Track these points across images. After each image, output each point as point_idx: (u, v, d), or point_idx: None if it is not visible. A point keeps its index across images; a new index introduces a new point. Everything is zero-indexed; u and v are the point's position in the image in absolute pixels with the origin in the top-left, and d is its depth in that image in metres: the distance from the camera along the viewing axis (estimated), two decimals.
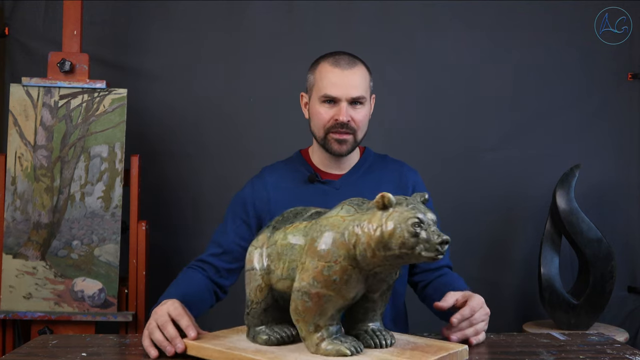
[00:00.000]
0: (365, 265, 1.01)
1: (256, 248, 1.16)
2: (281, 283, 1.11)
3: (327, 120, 1.51)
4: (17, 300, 2.14)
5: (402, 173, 1.62)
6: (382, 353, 1.07)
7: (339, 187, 1.56)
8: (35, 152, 2.19)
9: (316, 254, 1.03)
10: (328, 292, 1.02)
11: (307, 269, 1.03)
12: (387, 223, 0.98)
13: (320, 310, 1.04)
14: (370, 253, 0.99)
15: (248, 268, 1.17)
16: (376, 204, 1.00)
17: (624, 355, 1.18)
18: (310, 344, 1.07)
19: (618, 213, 2.65)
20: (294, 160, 1.65)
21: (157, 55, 2.56)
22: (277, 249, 1.12)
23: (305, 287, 1.03)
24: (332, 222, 1.05)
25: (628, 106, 2.67)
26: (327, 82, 1.50)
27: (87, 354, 1.20)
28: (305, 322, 1.06)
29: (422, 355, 1.06)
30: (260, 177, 1.63)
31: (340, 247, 1.01)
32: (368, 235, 0.99)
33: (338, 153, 1.54)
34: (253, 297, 1.15)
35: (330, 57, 1.53)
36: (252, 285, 1.15)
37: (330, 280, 1.01)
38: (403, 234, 0.96)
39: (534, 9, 2.64)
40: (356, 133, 1.53)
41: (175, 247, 2.52)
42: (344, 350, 1.04)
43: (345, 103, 1.49)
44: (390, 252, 0.98)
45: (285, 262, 1.10)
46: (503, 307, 2.63)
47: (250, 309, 1.16)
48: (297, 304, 1.05)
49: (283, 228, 1.14)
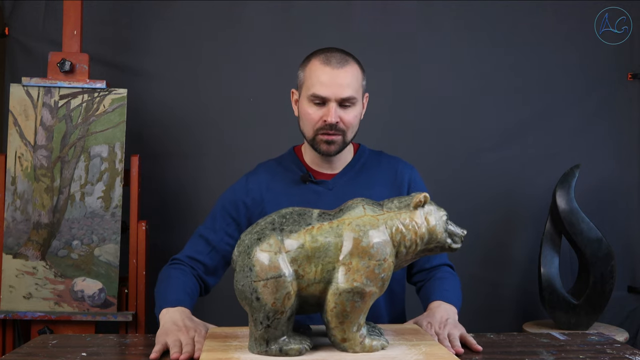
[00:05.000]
0: (400, 261, 1.10)
1: (275, 253, 1.06)
2: (313, 287, 1.07)
3: (315, 120, 1.47)
4: (17, 300, 2.14)
5: (398, 170, 1.59)
6: (397, 341, 1.17)
7: (332, 188, 1.54)
8: (35, 152, 2.19)
9: (366, 254, 1.06)
10: (376, 290, 1.07)
11: (358, 269, 1.05)
12: (428, 220, 1.09)
13: (366, 309, 1.09)
14: (413, 248, 1.09)
15: (272, 276, 1.05)
16: (418, 203, 1.09)
17: (624, 355, 1.18)
18: (353, 343, 1.09)
19: (618, 213, 2.66)
20: (287, 158, 1.62)
21: (157, 55, 2.56)
22: (306, 252, 1.07)
23: (358, 287, 1.05)
24: (367, 221, 1.08)
25: (628, 106, 2.67)
26: (316, 81, 1.45)
27: (87, 354, 1.20)
28: (351, 323, 1.08)
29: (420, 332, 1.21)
30: (255, 174, 1.60)
31: (387, 244, 1.07)
32: (414, 231, 1.08)
33: (326, 154, 1.51)
34: (279, 306, 1.05)
35: (321, 54, 1.49)
36: (279, 294, 1.05)
37: (379, 278, 1.07)
38: (440, 229, 1.09)
39: (534, 9, 2.64)
40: (345, 134, 1.49)
41: (175, 247, 2.51)
42: (385, 344, 1.12)
43: (335, 103, 1.45)
44: (427, 246, 1.10)
45: (318, 265, 1.07)
46: (503, 307, 2.63)
47: (272, 321, 1.06)
48: (345, 305, 1.06)
49: (303, 230, 1.08)
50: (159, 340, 1.22)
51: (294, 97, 1.58)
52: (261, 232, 1.10)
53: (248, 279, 1.06)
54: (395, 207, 1.10)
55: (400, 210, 1.09)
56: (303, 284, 1.07)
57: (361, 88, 1.51)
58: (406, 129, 2.60)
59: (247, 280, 1.06)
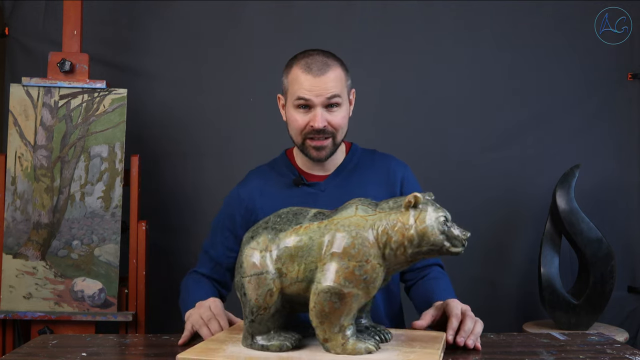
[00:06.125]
0: (390, 263, 1.06)
1: (260, 251, 1.10)
2: (296, 286, 1.08)
3: (302, 126, 1.46)
4: (17, 300, 2.14)
5: (390, 168, 1.58)
6: (397, 346, 1.13)
7: (325, 189, 1.53)
8: (35, 152, 2.19)
9: (346, 254, 1.04)
10: (358, 292, 1.04)
11: (337, 270, 1.04)
12: (419, 222, 1.03)
13: (347, 310, 1.06)
14: (402, 251, 1.04)
15: (254, 272, 1.09)
16: (407, 204, 1.05)
17: (624, 355, 1.18)
18: (335, 344, 1.07)
19: (618, 213, 2.65)
20: (279, 162, 1.62)
21: (157, 55, 2.56)
22: (290, 250, 1.08)
23: (336, 288, 1.04)
24: (354, 222, 1.06)
25: (628, 106, 2.67)
26: (299, 87, 1.44)
27: (87, 354, 1.20)
28: (331, 324, 1.06)
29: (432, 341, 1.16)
30: (245, 185, 1.59)
31: (370, 246, 1.04)
32: (401, 233, 1.04)
33: (317, 159, 1.50)
34: (262, 302, 1.09)
35: (301, 59, 1.47)
36: (261, 291, 1.08)
37: (360, 280, 1.04)
38: (435, 231, 1.03)
39: (534, 9, 2.64)
40: (335, 136, 1.48)
41: (175, 247, 2.52)
42: (371, 347, 1.08)
43: (320, 108, 1.44)
44: (419, 249, 1.04)
45: (300, 264, 1.07)
46: (503, 307, 2.63)
47: (256, 316, 1.10)
48: (323, 305, 1.05)
49: (291, 229, 1.10)
50: (186, 327, 1.32)
51: (281, 102, 1.57)
52: (255, 230, 1.14)
53: (238, 274, 1.12)
54: (388, 207, 1.08)
55: (391, 210, 1.07)
56: (286, 283, 1.09)
57: (346, 88, 1.50)
58: (406, 129, 2.60)
59: (238, 276, 1.13)
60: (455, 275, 1.70)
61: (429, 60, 2.62)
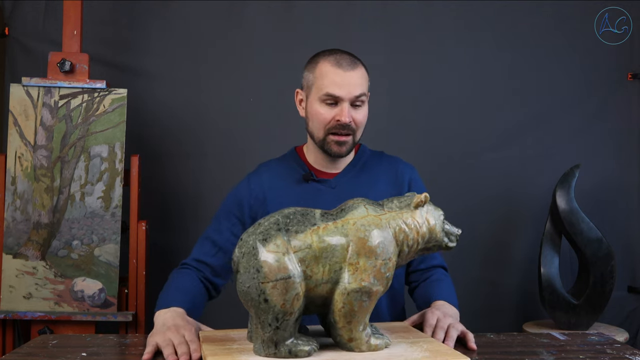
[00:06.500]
0: (402, 259, 1.12)
1: (283, 254, 1.04)
2: (321, 288, 1.06)
3: (328, 120, 1.49)
4: (17, 300, 2.14)
5: (398, 169, 1.61)
6: (396, 339, 1.17)
7: (334, 186, 1.55)
8: (35, 152, 2.19)
9: (373, 253, 1.06)
10: (382, 289, 1.09)
11: (366, 269, 1.06)
12: (428, 219, 1.12)
13: (372, 307, 1.09)
14: (415, 248, 1.11)
15: (281, 277, 1.02)
16: (418, 203, 1.11)
17: (624, 355, 1.18)
18: (360, 343, 1.09)
19: (618, 213, 2.66)
20: (289, 158, 1.63)
21: (157, 55, 2.56)
22: (314, 252, 1.06)
23: (366, 287, 1.06)
24: (371, 221, 1.09)
25: (628, 106, 2.67)
26: (329, 82, 1.47)
27: (87, 354, 1.20)
28: (358, 323, 1.08)
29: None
30: (257, 174, 1.60)
31: (391, 244, 1.09)
32: (416, 231, 1.11)
33: (337, 155, 1.52)
34: (288, 307, 1.03)
35: (330, 56, 1.50)
36: (289, 295, 1.03)
37: (385, 277, 1.08)
38: (439, 228, 1.12)
39: (534, 9, 2.64)
40: (355, 133, 1.51)
41: (175, 247, 2.52)
42: (389, 342, 1.13)
43: (347, 103, 1.47)
44: (425, 245, 1.12)
45: (325, 265, 1.06)
46: (503, 307, 2.63)
47: (281, 322, 1.04)
48: (353, 305, 1.06)
49: (309, 230, 1.07)
50: (150, 341, 1.21)
51: (299, 97, 1.58)
52: (266, 232, 1.07)
53: (255, 280, 1.03)
54: (395, 206, 1.12)
55: (401, 210, 1.11)
56: (311, 285, 1.06)
57: (367, 89, 1.54)
58: (406, 129, 2.60)
59: (254, 282, 1.04)
60: (456, 276, 1.70)
61: (429, 60, 2.63)
